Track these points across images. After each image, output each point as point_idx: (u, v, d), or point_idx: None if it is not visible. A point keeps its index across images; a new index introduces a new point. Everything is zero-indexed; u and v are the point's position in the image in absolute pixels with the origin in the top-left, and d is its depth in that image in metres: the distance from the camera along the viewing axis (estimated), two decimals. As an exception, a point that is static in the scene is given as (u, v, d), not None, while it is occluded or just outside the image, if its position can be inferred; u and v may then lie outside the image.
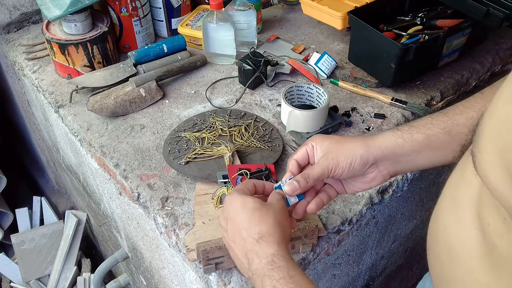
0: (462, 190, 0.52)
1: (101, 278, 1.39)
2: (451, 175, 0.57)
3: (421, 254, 1.58)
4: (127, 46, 1.23)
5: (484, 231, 0.46)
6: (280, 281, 0.51)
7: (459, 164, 0.57)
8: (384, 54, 1.04)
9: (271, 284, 0.51)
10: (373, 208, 0.88)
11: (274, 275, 0.51)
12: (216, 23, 1.13)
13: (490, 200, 0.44)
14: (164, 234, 0.85)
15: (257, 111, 1.06)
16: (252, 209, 0.58)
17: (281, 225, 0.57)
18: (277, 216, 0.58)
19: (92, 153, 1.01)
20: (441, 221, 0.56)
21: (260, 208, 0.58)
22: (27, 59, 1.24)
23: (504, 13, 0.96)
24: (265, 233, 0.55)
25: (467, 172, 0.51)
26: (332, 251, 0.88)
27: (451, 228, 0.53)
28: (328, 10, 1.16)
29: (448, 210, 0.55)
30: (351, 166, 0.62)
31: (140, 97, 1.06)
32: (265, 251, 0.54)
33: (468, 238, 0.49)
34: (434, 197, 1.31)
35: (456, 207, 0.53)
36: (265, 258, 0.53)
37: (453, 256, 0.52)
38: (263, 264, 0.53)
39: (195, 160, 0.90)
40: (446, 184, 0.58)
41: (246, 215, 0.58)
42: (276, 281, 0.51)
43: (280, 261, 0.52)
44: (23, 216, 1.77)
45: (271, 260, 0.53)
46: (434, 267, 0.59)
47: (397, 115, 1.04)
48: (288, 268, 0.52)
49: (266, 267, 0.52)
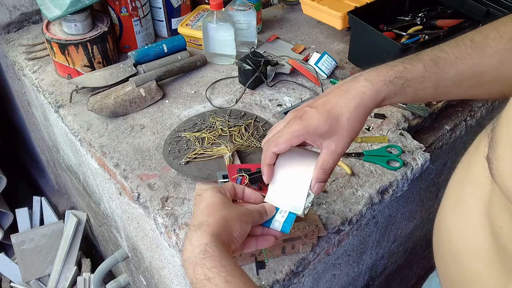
0: (468, 189, 0.51)
1: (101, 278, 1.39)
2: (455, 172, 0.57)
3: (421, 254, 1.58)
4: (127, 46, 1.23)
5: (495, 234, 0.45)
6: (212, 270, 0.50)
7: (462, 160, 0.56)
8: (384, 54, 1.04)
9: (202, 272, 0.50)
10: (373, 208, 0.88)
11: (206, 263, 0.51)
12: (216, 23, 1.13)
13: (503, 204, 0.43)
14: (164, 234, 0.85)
15: (257, 111, 1.06)
16: (212, 202, 0.58)
17: (227, 223, 0.55)
18: (230, 215, 0.57)
19: (92, 153, 1.01)
20: (444, 221, 0.56)
21: (219, 204, 0.57)
22: (27, 59, 1.24)
23: (504, 13, 0.96)
24: (205, 223, 0.55)
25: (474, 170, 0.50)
26: (332, 251, 0.88)
27: (455, 228, 0.52)
28: (328, 10, 1.16)
29: (452, 209, 0.54)
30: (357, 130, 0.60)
31: (140, 97, 1.06)
32: (199, 240, 0.53)
33: (474, 239, 0.48)
34: (434, 197, 1.31)
35: (461, 206, 0.52)
36: (198, 247, 0.52)
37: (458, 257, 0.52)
38: (196, 252, 0.52)
39: (195, 160, 0.90)
40: (449, 183, 0.57)
41: (204, 205, 0.58)
42: (208, 269, 0.50)
43: (212, 250, 0.52)
44: (23, 216, 1.77)
45: (203, 249, 0.52)
46: (441, 269, 0.58)
47: (397, 115, 1.04)
48: (221, 257, 0.51)
49: (198, 256, 0.52)
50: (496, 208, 0.45)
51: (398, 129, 1.00)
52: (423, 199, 1.24)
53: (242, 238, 0.57)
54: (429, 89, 0.58)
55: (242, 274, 0.52)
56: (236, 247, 0.56)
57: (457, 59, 0.57)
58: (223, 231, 0.54)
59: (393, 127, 1.01)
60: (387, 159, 0.93)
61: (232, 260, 0.52)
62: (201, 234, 0.53)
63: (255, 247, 0.61)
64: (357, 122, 0.58)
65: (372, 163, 0.93)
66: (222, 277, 0.50)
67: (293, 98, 1.09)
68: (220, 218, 0.55)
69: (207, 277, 0.50)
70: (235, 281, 0.50)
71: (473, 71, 0.56)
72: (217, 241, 0.53)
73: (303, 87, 1.13)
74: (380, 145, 0.96)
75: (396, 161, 0.93)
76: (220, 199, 0.58)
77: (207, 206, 0.57)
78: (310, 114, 0.58)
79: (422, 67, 0.57)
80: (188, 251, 0.53)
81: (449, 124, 1.09)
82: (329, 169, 0.60)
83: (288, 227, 0.61)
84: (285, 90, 1.12)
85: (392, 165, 0.92)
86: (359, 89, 0.58)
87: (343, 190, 0.88)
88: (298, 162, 0.63)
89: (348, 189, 0.88)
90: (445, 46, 0.58)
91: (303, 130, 0.58)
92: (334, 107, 0.58)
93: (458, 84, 0.57)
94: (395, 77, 0.57)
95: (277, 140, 0.59)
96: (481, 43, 0.56)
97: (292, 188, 0.62)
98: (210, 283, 0.50)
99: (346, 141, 0.59)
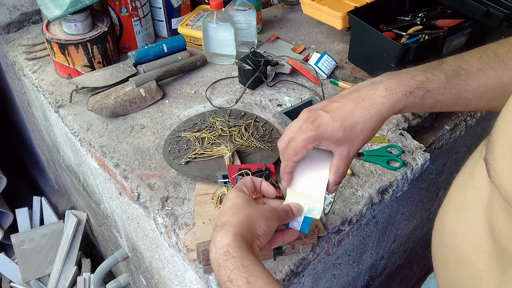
0: (471, 193, 0.51)
1: (101, 278, 1.39)
2: (457, 176, 0.57)
3: (421, 254, 1.58)
4: (127, 46, 1.23)
5: (495, 237, 0.45)
6: (234, 271, 0.51)
7: (466, 165, 0.56)
8: (384, 54, 1.04)
9: (225, 274, 0.52)
10: (373, 208, 0.88)
11: (228, 265, 0.52)
12: (216, 23, 1.13)
13: (502, 206, 0.44)
14: (164, 234, 0.85)
15: (257, 111, 1.06)
16: (236, 203, 0.59)
17: (251, 221, 0.56)
18: (254, 213, 0.57)
19: (92, 153, 1.01)
20: (448, 223, 0.56)
21: (242, 204, 0.59)
22: (27, 59, 1.24)
23: (504, 13, 0.96)
24: (227, 223, 0.56)
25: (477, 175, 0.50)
26: (332, 251, 0.88)
27: (459, 230, 0.52)
28: (328, 10, 1.16)
29: (455, 212, 0.54)
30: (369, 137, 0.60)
31: (140, 97, 1.06)
32: (222, 241, 0.54)
33: (477, 241, 0.48)
34: (434, 197, 1.31)
35: (464, 210, 0.52)
36: (220, 249, 0.54)
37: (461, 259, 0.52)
38: (219, 254, 0.53)
39: (195, 160, 0.90)
40: (452, 186, 0.57)
41: (227, 205, 0.59)
42: (230, 271, 0.51)
43: (234, 251, 0.53)
44: (23, 216, 1.77)
45: (226, 250, 0.53)
46: (440, 270, 0.58)
47: (397, 115, 1.04)
48: (243, 258, 0.52)
49: (221, 257, 0.53)
50: (496, 210, 0.45)
51: (398, 129, 1.00)
52: (423, 199, 1.24)
53: (268, 235, 0.58)
54: (449, 100, 0.57)
55: (264, 273, 0.52)
56: (262, 244, 0.57)
57: (479, 71, 0.56)
58: (246, 229, 0.55)
59: (393, 127, 1.01)
60: (387, 159, 0.93)
61: (255, 259, 0.53)
62: (224, 235, 0.54)
63: (282, 242, 0.63)
64: (371, 131, 0.59)
65: (372, 163, 0.93)
66: (243, 278, 0.51)
67: (293, 98, 1.09)
68: (244, 217, 0.56)
69: (230, 279, 0.51)
70: (256, 281, 0.51)
71: (495, 83, 0.56)
72: (239, 241, 0.54)
73: (303, 87, 1.13)
74: (380, 145, 0.96)
75: (396, 161, 0.93)
76: (244, 198, 0.59)
77: (231, 207, 0.59)
78: (324, 120, 0.57)
79: (444, 78, 0.56)
80: (213, 253, 0.55)
81: (449, 124, 1.09)
82: (344, 172, 0.62)
83: (307, 228, 0.63)
84: (285, 90, 1.12)
85: (392, 165, 0.92)
86: (377, 99, 0.57)
87: (343, 190, 0.88)
88: (314, 165, 0.64)
89: (348, 189, 0.88)
90: (468, 57, 0.58)
91: (317, 137, 0.58)
92: (349, 116, 0.57)
93: (479, 96, 0.57)
94: (416, 87, 0.56)
95: (295, 149, 0.59)
96: (504, 56, 0.56)
97: (310, 192, 0.64)
98: (232, 285, 0.51)
99: (358, 147, 0.60)
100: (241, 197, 0.60)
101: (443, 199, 0.59)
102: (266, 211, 0.59)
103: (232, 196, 0.60)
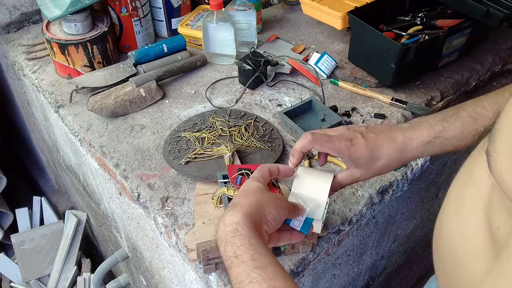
0: (469, 191, 0.51)
1: (101, 278, 1.39)
2: (457, 175, 0.57)
3: (421, 254, 1.58)
4: (127, 46, 1.23)
5: (493, 236, 0.45)
6: (241, 248, 0.53)
7: (465, 164, 0.56)
8: (384, 54, 1.04)
9: (232, 249, 0.53)
10: (373, 208, 0.88)
11: (235, 242, 0.54)
12: (216, 23, 1.13)
13: (501, 203, 0.44)
14: (164, 234, 0.85)
15: (257, 111, 1.06)
16: (249, 188, 0.62)
17: (261, 205, 0.59)
18: (264, 198, 0.60)
19: (92, 153, 1.01)
20: (445, 223, 0.56)
21: (255, 189, 0.61)
22: (27, 59, 1.24)
23: (504, 13, 0.96)
24: (238, 204, 0.58)
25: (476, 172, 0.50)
26: (332, 251, 0.88)
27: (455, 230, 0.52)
28: (328, 10, 1.16)
29: (453, 211, 0.54)
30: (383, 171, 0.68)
31: (140, 97, 1.06)
32: (231, 219, 0.56)
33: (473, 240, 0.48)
34: (434, 197, 1.31)
35: (462, 208, 0.52)
36: (229, 226, 0.55)
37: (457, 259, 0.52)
38: (227, 231, 0.55)
39: (195, 160, 0.90)
40: (451, 185, 0.57)
41: (241, 190, 0.62)
42: (237, 247, 0.53)
43: (242, 229, 0.55)
44: (23, 216, 1.77)
45: (234, 228, 0.55)
46: (439, 271, 0.58)
47: (397, 115, 1.04)
48: (250, 236, 0.54)
49: (229, 234, 0.55)
50: (495, 208, 0.45)
51: (398, 129, 1.00)
52: (423, 199, 1.24)
53: (277, 222, 0.60)
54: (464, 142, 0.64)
55: (269, 253, 0.54)
56: (270, 230, 0.59)
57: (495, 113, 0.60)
58: (255, 211, 0.58)
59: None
60: (387, 159, 0.93)
61: (261, 239, 0.55)
62: (233, 213, 0.56)
63: (290, 240, 0.65)
64: (387, 169, 0.67)
65: (372, 163, 0.92)
66: (249, 254, 0.52)
67: (293, 98, 1.09)
68: (255, 200, 0.59)
69: (236, 255, 0.53)
70: (261, 259, 0.52)
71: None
72: (248, 220, 0.56)
73: (303, 87, 1.13)
74: (380, 145, 0.96)
75: (396, 161, 0.92)
76: (257, 185, 0.62)
77: (244, 191, 0.61)
78: (359, 143, 0.64)
79: (460, 125, 0.63)
80: (220, 230, 0.56)
81: (449, 124, 1.09)
82: (344, 185, 0.70)
83: (307, 229, 0.65)
84: (285, 90, 1.12)
85: (392, 165, 0.92)
86: (402, 145, 0.65)
87: (343, 190, 0.88)
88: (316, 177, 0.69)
89: (348, 189, 0.88)
90: (486, 100, 0.64)
91: (346, 153, 0.64)
92: (378, 149, 0.64)
93: None
94: (434, 137, 0.64)
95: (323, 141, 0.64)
96: None
97: (312, 195, 0.67)
98: (237, 260, 0.52)
99: (369, 177, 0.68)
100: (255, 184, 0.62)
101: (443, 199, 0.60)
102: (277, 199, 0.62)
103: (247, 183, 0.63)
